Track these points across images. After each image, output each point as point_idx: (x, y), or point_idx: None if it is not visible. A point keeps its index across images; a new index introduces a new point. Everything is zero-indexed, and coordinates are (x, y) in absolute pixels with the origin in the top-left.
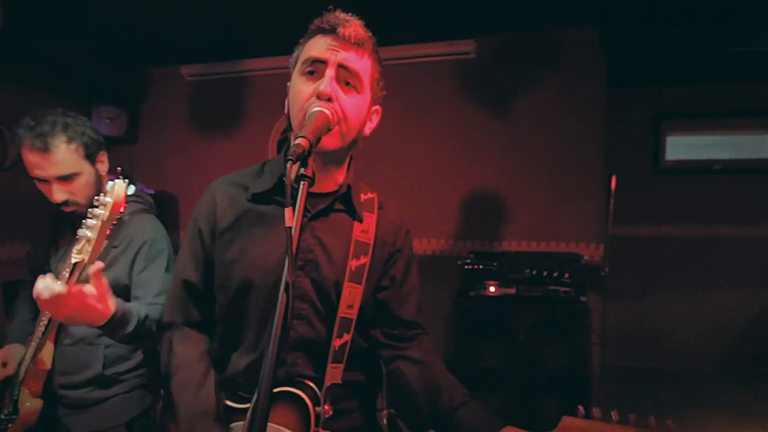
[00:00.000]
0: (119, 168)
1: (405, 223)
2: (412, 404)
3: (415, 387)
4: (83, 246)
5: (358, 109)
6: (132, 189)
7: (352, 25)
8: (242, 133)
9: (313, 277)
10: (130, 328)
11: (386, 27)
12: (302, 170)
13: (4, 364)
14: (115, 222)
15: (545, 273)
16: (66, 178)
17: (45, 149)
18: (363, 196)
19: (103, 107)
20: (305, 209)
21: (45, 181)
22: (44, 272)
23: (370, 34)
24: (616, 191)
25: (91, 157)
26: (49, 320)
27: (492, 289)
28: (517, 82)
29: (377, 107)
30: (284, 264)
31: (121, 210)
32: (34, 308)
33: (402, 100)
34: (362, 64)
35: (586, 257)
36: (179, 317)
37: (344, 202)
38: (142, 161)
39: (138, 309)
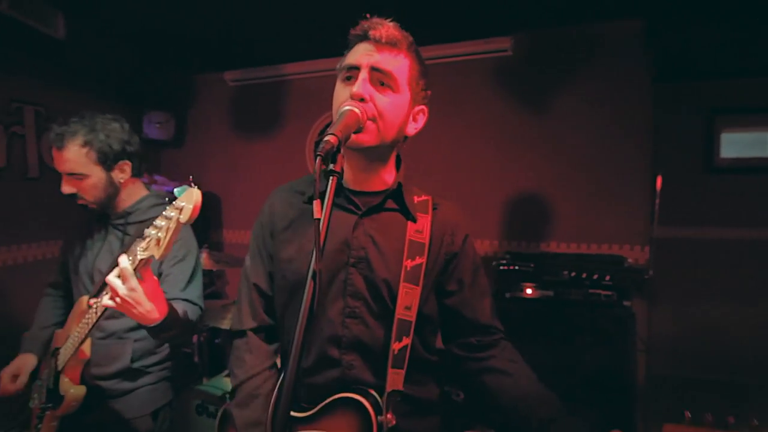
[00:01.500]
0: (191, 176)
1: (463, 225)
2: (504, 421)
3: (504, 403)
4: (149, 243)
5: (395, 108)
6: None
7: (384, 27)
8: (281, 135)
9: (366, 275)
10: (177, 331)
11: (421, 27)
12: (331, 166)
13: (16, 377)
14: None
15: (584, 275)
16: (74, 176)
17: (60, 146)
18: (417, 198)
19: (154, 113)
20: (356, 207)
21: (60, 174)
22: (77, 263)
23: (407, 34)
24: (664, 191)
25: (106, 164)
26: (98, 317)
27: (529, 291)
28: (555, 78)
29: (422, 107)
30: (334, 261)
31: (196, 216)
32: (57, 314)
33: (437, 100)
34: (396, 63)
35: (630, 260)
36: (249, 323)
37: (396, 201)
38: (188, 163)
39: (182, 310)
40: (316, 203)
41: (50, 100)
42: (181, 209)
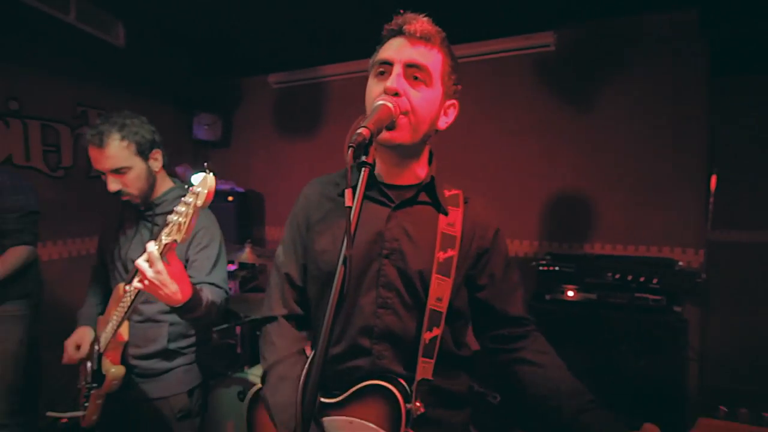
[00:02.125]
0: (206, 163)
1: (494, 219)
2: (535, 413)
3: (535, 393)
4: (172, 229)
5: (428, 102)
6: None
7: (419, 22)
8: (321, 135)
9: (399, 266)
10: (201, 312)
11: (459, 24)
12: (363, 158)
13: (78, 347)
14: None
15: (630, 277)
16: (118, 171)
17: (100, 145)
18: (447, 192)
19: (202, 115)
20: (390, 200)
21: (103, 173)
22: (112, 254)
23: (440, 29)
24: (721, 192)
25: (143, 154)
26: (132, 300)
27: (570, 293)
28: (601, 74)
29: (453, 101)
30: (367, 253)
31: (211, 199)
32: (103, 292)
33: (476, 98)
34: (430, 57)
35: (681, 263)
36: (281, 309)
37: (429, 194)
38: (234, 163)
39: (206, 294)
40: (347, 192)
41: (111, 103)
42: (197, 194)
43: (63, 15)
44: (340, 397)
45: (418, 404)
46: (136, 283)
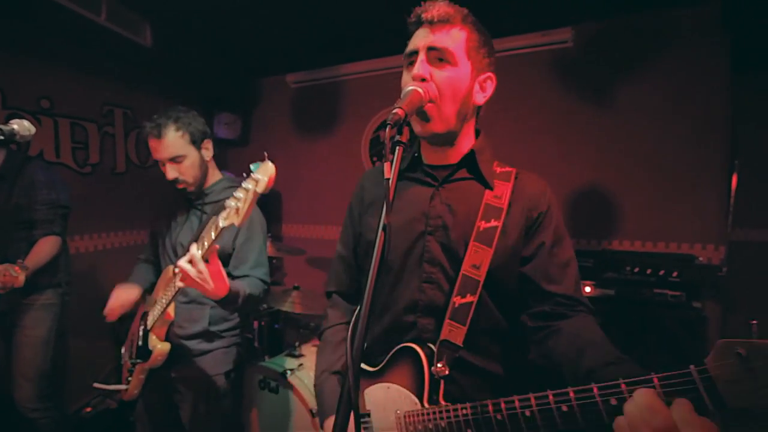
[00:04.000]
0: (265, 153)
1: (549, 194)
2: (558, 379)
3: (560, 359)
4: (229, 213)
5: (454, 80)
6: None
7: (435, 7)
8: (339, 134)
9: (442, 242)
10: (238, 304)
11: (469, 10)
12: (398, 137)
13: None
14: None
15: (649, 271)
16: (175, 159)
17: (159, 136)
18: (499, 169)
19: (222, 114)
20: (434, 179)
21: (162, 164)
22: (164, 238)
23: (460, 8)
24: (744, 190)
25: (196, 143)
26: (178, 290)
27: (588, 289)
28: (620, 70)
29: (488, 74)
30: (412, 231)
31: (271, 186)
32: (148, 276)
33: (494, 95)
34: (450, 39)
35: (701, 259)
36: (334, 287)
37: (472, 170)
38: (252, 161)
39: (243, 288)
40: (386, 165)
41: (135, 102)
42: (257, 181)
43: (95, 16)
44: (379, 366)
45: (440, 366)
46: (178, 283)
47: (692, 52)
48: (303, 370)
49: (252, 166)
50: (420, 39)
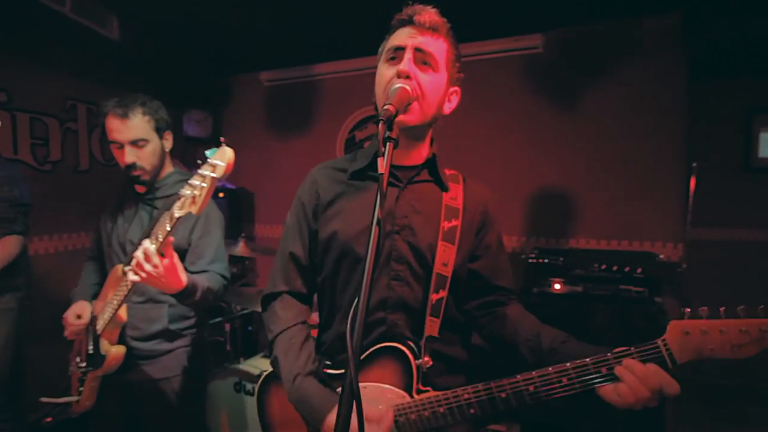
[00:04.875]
0: (222, 138)
1: (490, 197)
2: (516, 357)
3: (514, 339)
4: (185, 203)
5: (435, 86)
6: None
7: (428, 13)
8: (313, 133)
9: (410, 241)
10: (197, 297)
11: (451, 24)
12: (388, 133)
13: (79, 316)
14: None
15: (615, 268)
16: (137, 143)
17: (124, 115)
18: (448, 172)
19: (193, 111)
20: (398, 180)
21: (120, 146)
22: (110, 235)
23: (445, 20)
24: (700, 191)
25: (159, 132)
26: (131, 288)
27: (557, 286)
28: (587, 75)
29: (456, 88)
30: (382, 231)
31: (230, 172)
32: (98, 274)
33: (466, 97)
34: (437, 46)
35: (662, 256)
36: (284, 287)
37: (431, 173)
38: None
39: (202, 281)
40: (380, 160)
41: (100, 98)
42: (214, 166)
43: (58, 6)
44: None
45: (426, 359)
46: (132, 276)
47: (653, 60)
48: None
49: (207, 153)
50: (407, 37)
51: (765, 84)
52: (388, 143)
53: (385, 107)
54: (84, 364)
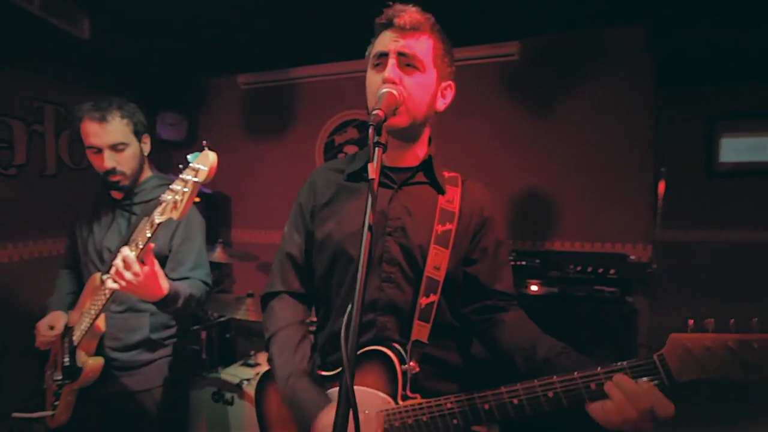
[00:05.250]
0: (204, 142)
1: (489, 200)
2: (510, 366)
3: (510, 347)
4: (166, 208)
5: (422, 87)
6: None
7: (407, 13)
8: (291, 137)
9: (402, 243)
10: (179, 305)
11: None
12: (377, 138)
13: (52, 327)
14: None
15: (590, 269)
16: (116, 147)
17: (102, 119)
18: (447, 174)
19: (167, 114)
20: (392, 181)
21: (98, 151)
22: (86, 243)
23: (429, 15)
24: (666, 194)
25: (138, 135)
26: (110, 297)
27: (534, 288)
28: (561, 82)
29: (449, 83)
30: (374, 232)
31: (212, 176)
32: (73, 283)
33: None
34: (420, 46)
35: (632, 257)
36: (282, 286)
37: (427, 174)
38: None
39: (184, 288)
40: (370, 165)
41: (70, 99)
42: (197, 171)
43: (26, 4)
44: (338, 369)
45: (412, 364)
46: (111, 284)
47: (622, 68)
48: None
49: (189, 157)
50: (389, 42)
51: (726, 92)
52: (377, 148)
53: (374, 112)
54: (59, 377)
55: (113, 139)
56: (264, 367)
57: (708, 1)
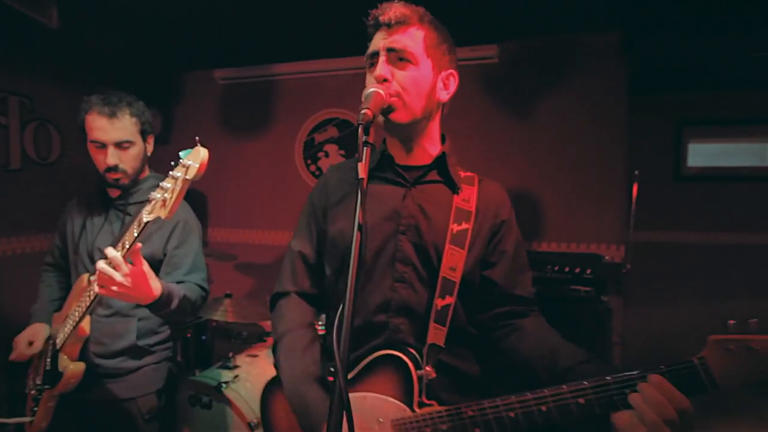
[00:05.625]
0: (197, 137)
1: (508, 201)
2: (529, 375)
3: (530, 355)
4: (155, 206)
5: (417, 80)
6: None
7: (392, 9)
8: (270, 135)
9: (415, 242)
10: (173, 307)
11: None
12: (365, 137)
13: (31, 343)
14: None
15: (567, 269)
16: (122, 144)
17: (112, 115)
18: (462, 173)
19: None
20: (405, 180)
21: (102, 146)
22: (77, 243)
23: (416, 7)
24: (643, 197)
25: (144, 134)
26: (93, 299)
27: None
28: (539, 86)
29: (450, 71)
30: (384, 230)
31: (203, 173)
32: (61, 287)
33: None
34: (409, 38)
35: (607, 257)
36: (291, 286)
37: (441, 172)
38: (173, 160)
39: (178, 289)
40: (360, 165)
41: (35, 90)
42: (187, 168)
43: None
44: (352, 374)
45: (428, 369)
46: (96, 288)
47: (596, 73)
48: (239, 382)
49: (181, 153)
50: (379, 40)
51: (693, 98)
52: (366, 148)
53: (362, 111)
54: (40, 382)
55: (120, 136)
56: (243, 370)
57: (679, 11)
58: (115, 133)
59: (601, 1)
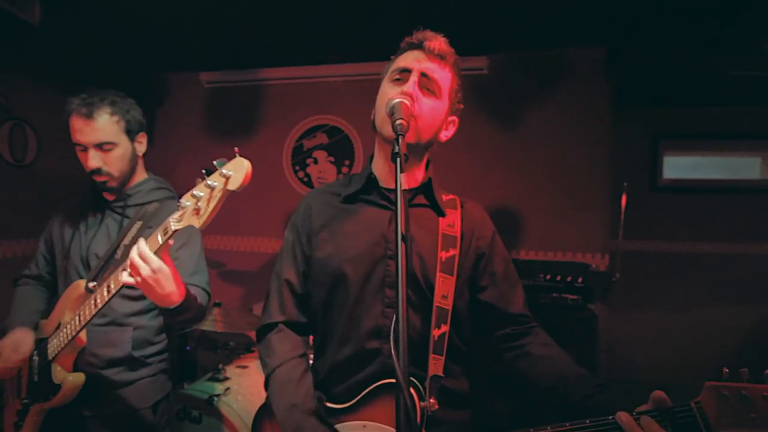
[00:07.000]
0: (236, 148)
1: (489, 221)
2: (543, 402)
3: (541, 384)
4: (185, 214)
5: (434, 111)
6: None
7: (438, 41)
8: (258, 140)
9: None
10: (189, 315)
11: (396, 45)
12: (397, 148)
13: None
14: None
15: (558, 278)
16: (102, 146)
17: (89, 115)
18: (445, 197)
19: None
20: (391, 203)
21: (84, 149)
22: (68, 247)
23: (453, 50)
24: (615, 207)
25: (131, 134)
26: (111, 297)
27: None
28: (527, 98)
29: (454, 118)
30: (373, 255)
31: (246, 184)
32: (43, 300)
33: None
34: (443, 74)
35: (593, 266)
36: (280, 316)
37: (427, 197)
38: (156, 163)
39: (196, 294)
40: (401, 176)
41: (12, 89)
42: (227, 178)
43: None
44: (352, 401)
45: (432, 401)
46: (125, 278)
47: (583, 87)
48: (231, 395)
49: (216, 162)
50: (415, 61)
51: (669, 113)
52: (399, 158)
53: (398, 122)
54: (25, 395)
55: (98, 137)
56: (234, 382)
57: (661, 29)
58: (93, 135)
59: (588, 17)
